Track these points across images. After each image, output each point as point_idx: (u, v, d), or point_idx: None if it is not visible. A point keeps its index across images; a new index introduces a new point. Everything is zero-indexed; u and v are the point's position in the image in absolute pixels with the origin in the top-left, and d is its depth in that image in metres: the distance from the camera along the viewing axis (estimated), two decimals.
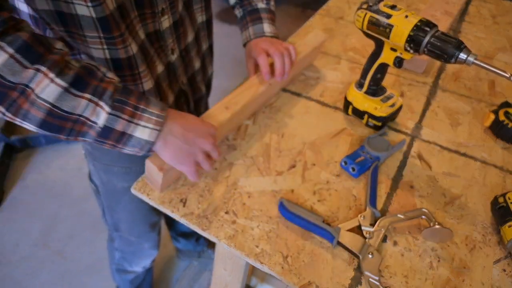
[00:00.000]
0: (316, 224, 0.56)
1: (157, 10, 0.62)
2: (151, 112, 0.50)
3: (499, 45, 1.03)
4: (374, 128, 0.75)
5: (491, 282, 0.52)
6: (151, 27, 0.64)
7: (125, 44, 0.58)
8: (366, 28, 0.65)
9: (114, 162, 0.80)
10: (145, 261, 1.11)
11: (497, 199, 0.59)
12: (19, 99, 0.42)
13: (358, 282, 0.52)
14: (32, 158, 1.92)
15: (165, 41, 0.68)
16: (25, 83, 0.42)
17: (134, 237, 0.99)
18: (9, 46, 0.40)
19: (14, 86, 0.42)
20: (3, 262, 1.49)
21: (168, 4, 0.64)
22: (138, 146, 0.50)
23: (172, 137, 0.52)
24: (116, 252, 1.08)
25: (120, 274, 1.17)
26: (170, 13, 0.66)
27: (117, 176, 0.82)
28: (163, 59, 0.69)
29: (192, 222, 0.59)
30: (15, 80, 0.41)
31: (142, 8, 0.60)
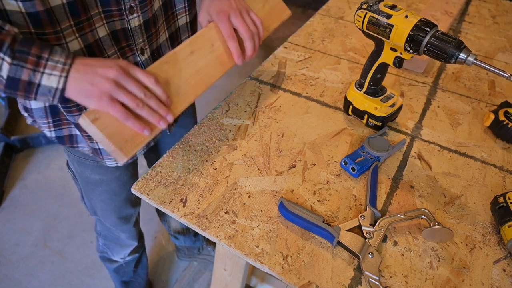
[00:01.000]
0: (316, 224, 0.56)
1: (124, 7, 0.61)
2: (56, 60, 0.50)
3: (499, 45, 1.03)
4: (374, 128, 0.75)
5: (491, 282, 0.52)
6: (118, 24, 0.62)
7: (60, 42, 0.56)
8: (366, 28, 0.65)
9: (85, 156, 0.80)
10: (124, 251, 1.11)
11: (497, 199, 0.59)
12: None
13: (358, 282, 0.52)
14: (32, 158, 1.92)
15: (134, 40, 0.66)
16: None
17: (109, 225, 1.00)
18: None
19: None
20: (3, 262, 1.49)
21: (137, 2, 0.62)
22: (48, 94, 0.51)
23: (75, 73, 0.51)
24: (100, 239, 1.09)
25: (105, 262, 1.17)
26: (141, 12, 0.64)
27: (90, 169, 0.83)
28: (130, 58, 0.68)
29: (192, 222, 0.59)
30: None
31: (108, 5, 0.59)
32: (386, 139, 0.70)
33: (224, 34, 0.66)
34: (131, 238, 1.07)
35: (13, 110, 2.07)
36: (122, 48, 0.66)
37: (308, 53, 0.97)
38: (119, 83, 0.52)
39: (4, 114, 2.01)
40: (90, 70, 0.51)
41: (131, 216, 1.01)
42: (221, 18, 0.66)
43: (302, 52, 0.97)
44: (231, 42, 0.67)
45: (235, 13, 0.66)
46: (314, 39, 1.03)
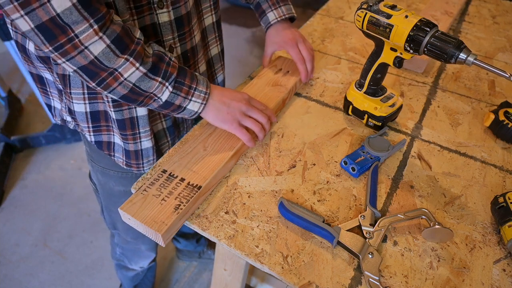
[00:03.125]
0: (316, 224, 0.56)
1: (152, 1, 0.61)
2: (200, 90, 0.63)
3: (499, 45, 1.03)
4: (374, 128, 0.75)
5: (491, 282, 0.52)
6: (147, 19, 0.62)
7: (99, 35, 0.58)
8: (366, 28, 0.65)
9: (110, 167, 0.80)
10: (143, 261, 1.11)
11: (497, 199, 0.59)
12: (109, 79, 0.54)
13: (358, 282, 0.52)
14: (32, 158, 1.92)
15: (162, 36, 0.65)
16: (115, 68, 0.53)
17: (130, 238, 0.99)
18: (107, 38, 0.51)
19: (106, 69, 0.53)
20: (3, 262, 1.49)
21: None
22: (188, 114, 0.64)
23: (213, 101, 0.65)
24: (117, 248, 1.08)
25: (121, 270, 1.17)
26: (172, 7, 0.64)
27: (114, 180, 0.82)
28: None
29: (192, 222, 0.59)
30: (109, 65, 0.52)
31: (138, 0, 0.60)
32: (386, 139, 0.70)
33: (295, 58, 0.80)
34: (151, 249, 1.06)
35: (13, 110, 2.07)
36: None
37: None
38: (246, 113, 0.67)
39: (4, 114, 2.01)
40: (226, 102, 0.65)
41: None
42: (291, 45, 0.81)
43: None
44: (300, 65, 0.81)
45: (300, 40, 0.82)
46: (314, 39, 1.03)
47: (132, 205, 0.57)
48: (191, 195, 0.58)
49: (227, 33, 2.83)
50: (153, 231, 0.54)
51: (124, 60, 0.53)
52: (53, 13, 0.46)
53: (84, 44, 0.49)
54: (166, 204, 0.57)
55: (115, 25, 0.52)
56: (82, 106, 0.67)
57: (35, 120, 2.12)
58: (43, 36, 0.48)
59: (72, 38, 0.48)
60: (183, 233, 1.35)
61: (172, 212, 0.55)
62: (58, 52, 0.50)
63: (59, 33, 0.48)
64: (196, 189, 0.59)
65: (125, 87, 0.56)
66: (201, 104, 0.63)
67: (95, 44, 0.50)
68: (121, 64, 0.53)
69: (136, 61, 0.54)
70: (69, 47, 0.49)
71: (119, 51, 0.52)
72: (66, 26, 0.47)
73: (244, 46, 2.71)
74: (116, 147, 0.73)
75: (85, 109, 0.68)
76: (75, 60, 0.51)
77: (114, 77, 0.54)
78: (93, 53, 0.50)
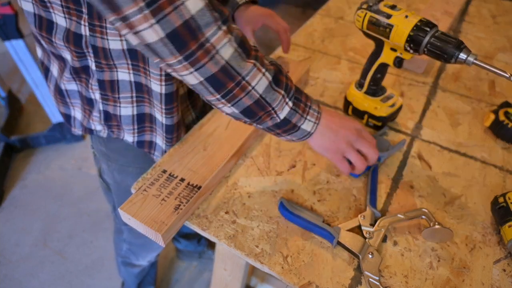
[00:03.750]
0: (316, 224, 0.56)
1: None
2: (314, 108, 0.57)
3: (499, 45, 1.03)
4: (374, 128, 0.75)
5: (491, 282, 0.52)
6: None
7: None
8: (366, 28, 0.65)
9: (130, 163, 0.80)
10: (152, 254, 1.11)
11: (497, 199, 0.59)
12: (236, 89, 0.48)
13: (358, 282, 0.52)
14: (32, 158, 1.92)
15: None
16: (243, 76, 0.47)
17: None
18: (234, 41, 0.45)
19: (235, 77, 0.47)
20: (3, 262, 1.49)
21: None
22: (299, 136, 0.57)
23: (321, 125, 0.58)
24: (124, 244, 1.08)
25: (126, 267, 1.17)
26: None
27: (132, 176, 0.82)
28: None
29: (192, 222, 0.59)
30: (239, 70, 0.47)
31: None
32: (386, 139, 0.70)
33: (277, 28, 0.79)
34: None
35: (13, 110, 2.07)
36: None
37: (308, 53, 0.97)
38: (353, 144, 0.60)
39: (4, 114, 2.01)
40: (334, 129, 0.59)
41: None
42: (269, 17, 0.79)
43: (302, 52, 0.97)
44: (283, 34, 0.80)
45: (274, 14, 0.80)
46: (314, 39, 1.03)
47: (132, 205, 0.57)
48: (191, 195, 0.58)
49: None
50: (153, 231, 0.54)
51: (252, 65, 0.48)
52: (187, 15, 0.41)
53: (216, 47, 0.44)
54: (166, 204, 0.57)
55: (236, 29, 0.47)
56: (130, 109, 0.68)
57: (35, 120, 2.12)
58: (173, 45, 0.42)
59: (204, 42, 0.43)
60: (184, 233, 1.35)
61: (172, 212, 0.56)
62: (188, 61, 0.44)
63: (190, 39, 0.42)
64: (196, 189, 0.59)
65: (251, 98, 0.50)
66: (314, 123, 0.56)
67: (225, 47, 0.45)
68: (250, 70, 0.48)
69: (261, 66, 0.49)
70: (201, 54, 0.44)
71: (245, 55, 0.47)
72: (197, 29, 0.42)
73: None
74: (157, 147, 0.75)
75: (132, 112, 0.69)
76: (205, 68, 0.45)
77: (241, 87, 0.48)
78: (224, 58, 0.45)
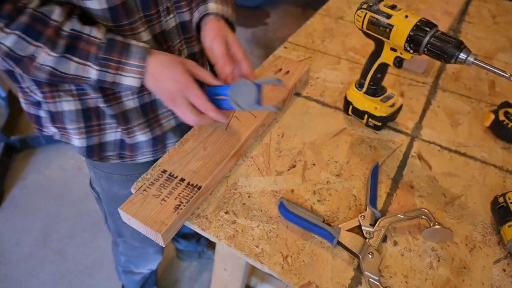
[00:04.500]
0: (316, 224, 0.56)
1: (161, 8, 0.62)
2: (132, 64, 0.56)
3: (499, 45, 1.03)
4: (374, 128, 0.75)
5: (491, 282, 0.52)
6: (157, 27, 0.64)
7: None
8: (366, 28, 0.65)
9: (113, 171, 0.80)
10: (151, 264, 1.11)
11: (497, 199, 0.59)
12: (29, 64, 0.54)
13: (358, 282, 0.52)
14: (32, 158, 1.92)
15: (172, 41, 0.67)
16: (31, 54, 0.53)
17: (137, 243, 0.99)
18: (17, 30, 0.51)
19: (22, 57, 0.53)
20: (3, 262, 1.49)
21: (173, 2, 0.64)
22: (129, 89, 0.59)
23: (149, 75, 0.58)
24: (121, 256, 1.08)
25: (126, 275, 1.17)
26: (176, 12, 0.66)
27: (118, 184, 0.82)
28: None
29: (192, 222, 0.59)
30: (23, 53, 0.52)
31: (147, 8, 0.61)
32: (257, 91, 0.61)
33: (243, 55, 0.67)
34: (158, 252, 1.06)
35: (13, 110, 2.07)
36: (164, 51, 0.65)
37: (308, 53, 0.97)
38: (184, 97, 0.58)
39: (4, 114, 2.01)
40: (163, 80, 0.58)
41: None
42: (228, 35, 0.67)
43: (302, 52, 0.97)
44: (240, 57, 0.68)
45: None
46: (314, 39, 1.03)
47: (132, 205, 0.57)
48: (191, 195, 0.58)
49: None
50: (153, 231, 0.54)
51: (35, 47, 0.53)
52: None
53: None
54: (166, 204, 0.57)
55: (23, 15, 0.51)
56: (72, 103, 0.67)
57: None
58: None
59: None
60: (183, 233, 1.35)
61: (172, 212, 0.56)
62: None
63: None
64: (196, 189, 0.59)
65: (44, 72, 0.55)
66: (138, 78, 0.57)
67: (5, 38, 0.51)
68: (34, 51, 0.53)
69: (46, 47, 0.53)
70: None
71: (32, 38, 0.52)
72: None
73: (244, 46, 2.70)
74: (108, 146, 0.73)
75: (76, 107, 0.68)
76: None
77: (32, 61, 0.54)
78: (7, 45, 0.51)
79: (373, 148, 0.72)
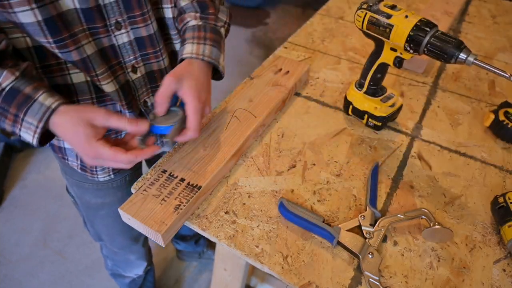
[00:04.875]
0: (316, 224, 0.56)
1: (108, 23, 0.59)
2: (29, 121, 0.51)
3: (499, 45, 1.03)
4: (374, 128, 0.75)
5: (491, 282, 0.52)
6: (105, 41, 0.60)
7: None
8: (366, 28, 0.65)
9: (83, 179, 0.78)
10: (137, 270, 1.09)
11: (497, 199, 0.59)
12: None
13: (358, 282, 0.52)
14: (32, 158, 1.92)
15: (124, 58, 0.63)
16: None
17: (117, 249, 0.98)
18: None
19: None
20: (3, 262, 1.49)
21: (126, 17, 0.60)
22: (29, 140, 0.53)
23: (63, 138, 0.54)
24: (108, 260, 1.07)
25: (117, 278, 1.16)
26: (130, 28, 0.61)
27: (90, 192, 0.81)
28: (120, 77, 0.65)
29: (192, 222, 0.59)
30: None
31: (92, 21, 0.57)
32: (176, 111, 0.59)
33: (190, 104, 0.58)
34: (141, 258, 1.04)
35: None
36: (113, 66, 0.63)
37: (308, 53, 0.97)
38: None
39: None
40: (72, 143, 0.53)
41: (139, 236, 0.97)
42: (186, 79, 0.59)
43: (302, 52, 0.97)
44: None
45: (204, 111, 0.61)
46: (314, 39, 1.03)
47: (132, 205, 0.57)
48: (191, 195, 0.58)
49: None
50: (153, 231, 0.54)
51: None
52: None
53: None
54: (166, 204, 0.57)
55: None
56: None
57: None
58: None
59: None
60: (181, 235, 1.34)
61: (172, 212, 0.56)
62: None
63: None
64: (196, 189, 0.59)
65: None
66: (32, 136, 0.52)
67: None
68: None
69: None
70: None
71: None
72: None
73: (244, 46, 2.71)
74: (68, 151, 0.71)
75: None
76: None
77: None
78: None
79: (373, 148, 0.72)
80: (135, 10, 0.60)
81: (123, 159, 0.53)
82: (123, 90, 0.65)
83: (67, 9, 0.54)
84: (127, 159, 0.53)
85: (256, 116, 0.72)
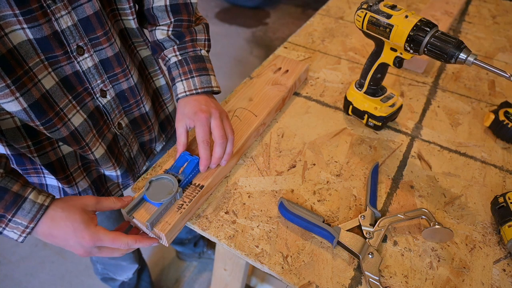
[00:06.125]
0: (316, 224, 0.56)
1: (70, 49, 0.55)
2: (19, 222, 0.49)
3: (499, 45, 1.03)
4: (374, 128, 0.75)
5: (491, 282, 0.52)
6: (68, 69, 0.56)
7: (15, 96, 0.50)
8: (366, 28, 0.65)
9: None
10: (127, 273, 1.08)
11: (497, 199, 0.59)
12: None
13: (358, 282, 0.52)
14: None
15: (91, 83, 0.60)
16: None
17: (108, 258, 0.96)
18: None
19: None
20: (3, 262, 1.49)
21: (87, 41, 0.56)
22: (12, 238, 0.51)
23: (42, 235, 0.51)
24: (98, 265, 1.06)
25: (108, 282, 1.14)
26: (93, 51, 0.58)
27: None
28: (89, 104, 0.61)
29: (192, 222, 0.59)
30: None
31: (49, 50, 0.53)
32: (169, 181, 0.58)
33: (198, 137, 0.60)
34: (132, 262, 1.03)
35: None
36: (79, 94, 0.59)
37: (308, 53, 0.97)
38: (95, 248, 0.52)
39: None
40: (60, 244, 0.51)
41: None
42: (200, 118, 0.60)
43: (302, 52, 0.97)
44: (201, 148, 0.60)
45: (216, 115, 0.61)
46: (314, 39, 1.03)
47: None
48: (193, 194, 0.58)
49: (227, 33, 2.83)
50: (157, 231, 0.54)
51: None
52: None
53: None
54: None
55: None
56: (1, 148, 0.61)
57: None
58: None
59: None
60: (179, 239, 1.33)
61: (175, 212, 0.56)
62: None
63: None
64: (199, 188, 0.59)
65: None
66: (19, 235, 0.50)
67: None
68: None
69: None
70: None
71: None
72: None
73: (244, 46, 2.71)
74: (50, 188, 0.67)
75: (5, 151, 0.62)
76: None
77: None
78: None
79: (373, 148, 0.72)
80: (96, 30, 0.57)
81: (122, 242, 0.51)
82: (93, 118, 0.62)
83: (18, 42, 0.49)
84: (127, 242, 0.52)
85: (257, 115, 0.72)
